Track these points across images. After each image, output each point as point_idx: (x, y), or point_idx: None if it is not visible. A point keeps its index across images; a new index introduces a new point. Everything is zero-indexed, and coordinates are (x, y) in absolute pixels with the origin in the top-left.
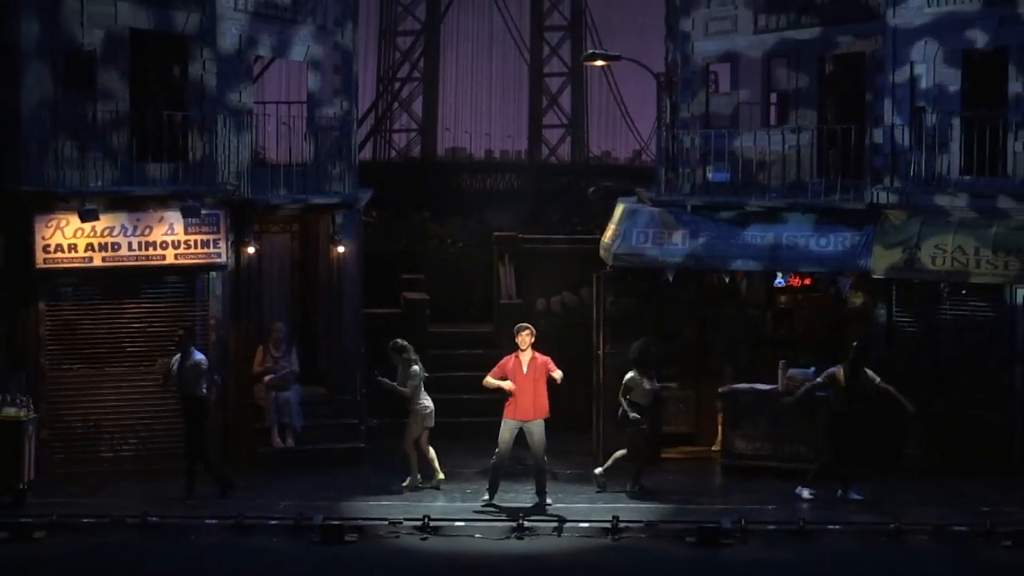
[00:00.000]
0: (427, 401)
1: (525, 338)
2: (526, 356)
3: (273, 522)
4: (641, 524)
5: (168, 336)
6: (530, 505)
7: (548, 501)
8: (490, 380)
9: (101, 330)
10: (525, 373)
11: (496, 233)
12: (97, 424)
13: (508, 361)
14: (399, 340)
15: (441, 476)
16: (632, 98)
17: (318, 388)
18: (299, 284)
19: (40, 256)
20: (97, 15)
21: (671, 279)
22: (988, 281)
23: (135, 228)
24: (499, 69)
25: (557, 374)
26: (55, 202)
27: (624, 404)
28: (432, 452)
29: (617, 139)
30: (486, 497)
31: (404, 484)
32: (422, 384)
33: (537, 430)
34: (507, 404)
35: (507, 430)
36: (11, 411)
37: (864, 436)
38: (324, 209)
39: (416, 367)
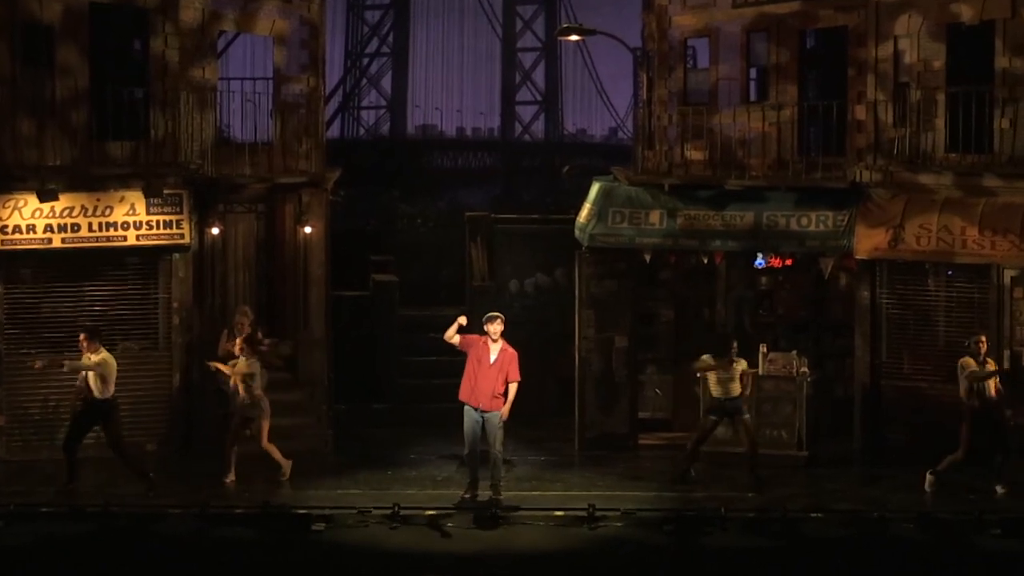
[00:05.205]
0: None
1: (496, 328)
2: (496, 345)
3: (238, 511)
4: (618, 512)
5: (130, 320)
6: (486, 501)
7: (500, 496)
8: (450, 332)
9: (61, 314)
10: (492, 362)
11: (468, 213)
12: (57, 410)
13: (478, 340)
14: None
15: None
16: (608, 74)
17: (283, 373)
18: (264, 266)
19: None
20: None
21: (648, 260)
22: (974, 261)
23: (95, 208)
24: (471, 44)
25: (504, 411)
26: (12, 182)
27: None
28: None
29: (592, 116)
30: (467, 495)
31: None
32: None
33: (494, 419)
34: (463, 383)
35: (469, 421)
36: None
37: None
38: (290, 188)
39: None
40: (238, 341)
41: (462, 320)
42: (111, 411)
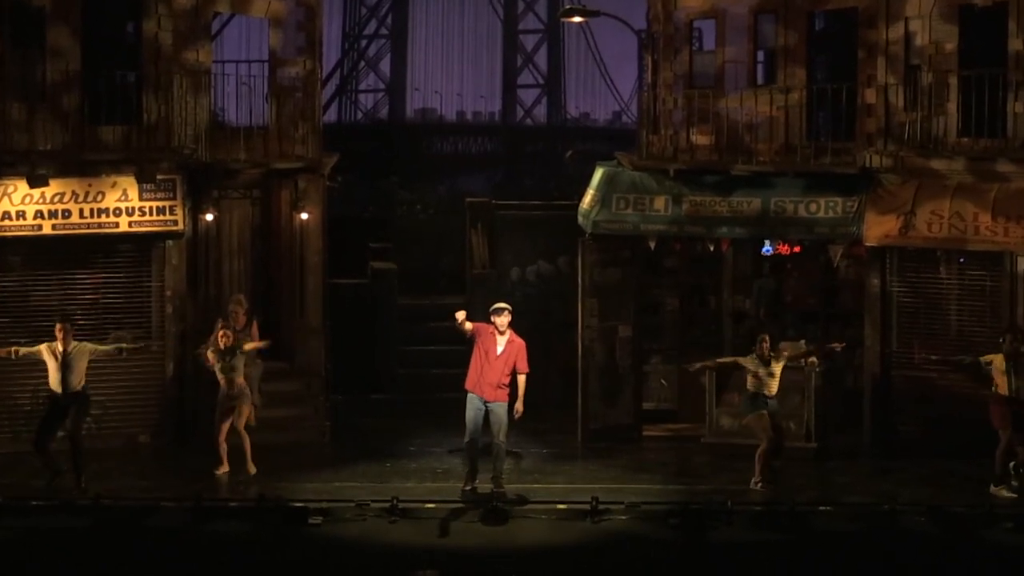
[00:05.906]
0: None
1: (504, 320)
2: (503, 337)
3: (233, 504)
4: (622, 506)
5: (122, 308)
6: (487, 493)
7: (503, 489)
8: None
9: (51, 302)
10: (499, 354)
11: (468, 199)
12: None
13: (486, 328)
14: None
15: None
16: (612, 57)
17: (280, 363)
18: (260, 253)
19: None
20: None
21: (653, 247)
22: (987, 248)
23: (87, 194)
24: (471, 26)
25: (518, 407)
26: (2, 167)
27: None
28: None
29: (596, 100)
30: (467, 487)
31: None
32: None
33: (499, 410)
34: (470, 372)
35: (472, 409)
36: None
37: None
38: (286, 174)
39: None
40: (219, 334)
41: (460, 315)
42: (89, 399)
